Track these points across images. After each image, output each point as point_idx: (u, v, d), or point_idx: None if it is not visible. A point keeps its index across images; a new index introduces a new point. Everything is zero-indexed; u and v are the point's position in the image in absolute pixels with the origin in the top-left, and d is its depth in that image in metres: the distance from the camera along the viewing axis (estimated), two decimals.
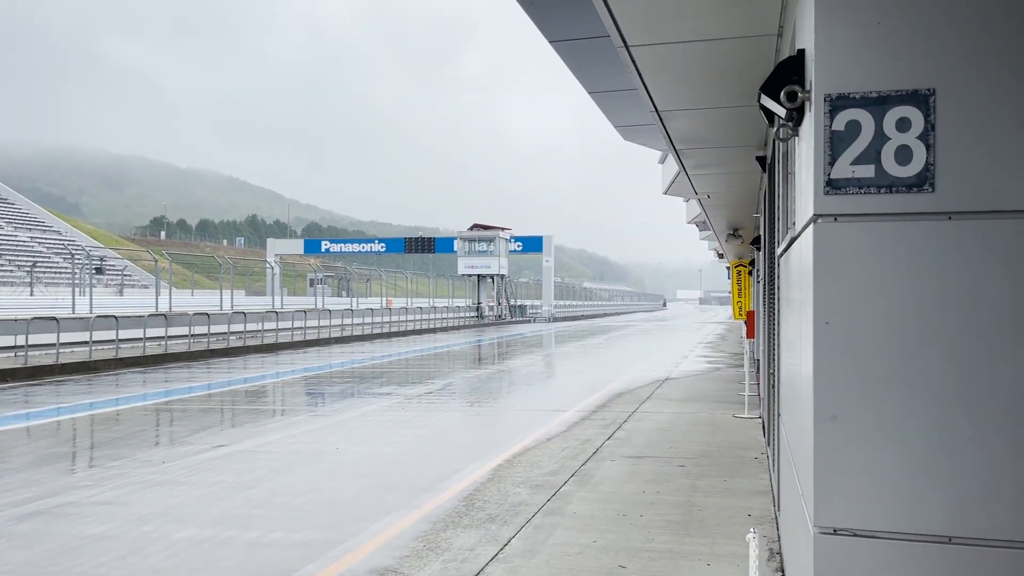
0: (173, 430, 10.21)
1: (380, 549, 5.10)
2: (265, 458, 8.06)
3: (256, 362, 20.21)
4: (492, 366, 20.29)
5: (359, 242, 72.34)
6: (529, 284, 72.02)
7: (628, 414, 11.03)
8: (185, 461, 7.87)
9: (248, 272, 62.44)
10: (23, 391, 13.83)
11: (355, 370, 18.34)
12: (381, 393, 13.72)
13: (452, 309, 47.09)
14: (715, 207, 12.14)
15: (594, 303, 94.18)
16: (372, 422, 10.53)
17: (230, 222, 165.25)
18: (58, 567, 4.77)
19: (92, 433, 10.11)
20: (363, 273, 61.18)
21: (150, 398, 13.31)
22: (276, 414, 11.83)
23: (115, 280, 52.49)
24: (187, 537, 5.37)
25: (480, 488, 6.73)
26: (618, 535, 5.39)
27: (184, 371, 17.70)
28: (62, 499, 6.37)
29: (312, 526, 5.65)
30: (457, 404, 12.78)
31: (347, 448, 8.63)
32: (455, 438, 9.70)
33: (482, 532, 5.45)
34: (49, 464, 8.02)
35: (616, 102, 7.88)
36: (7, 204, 67.63)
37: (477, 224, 54.78)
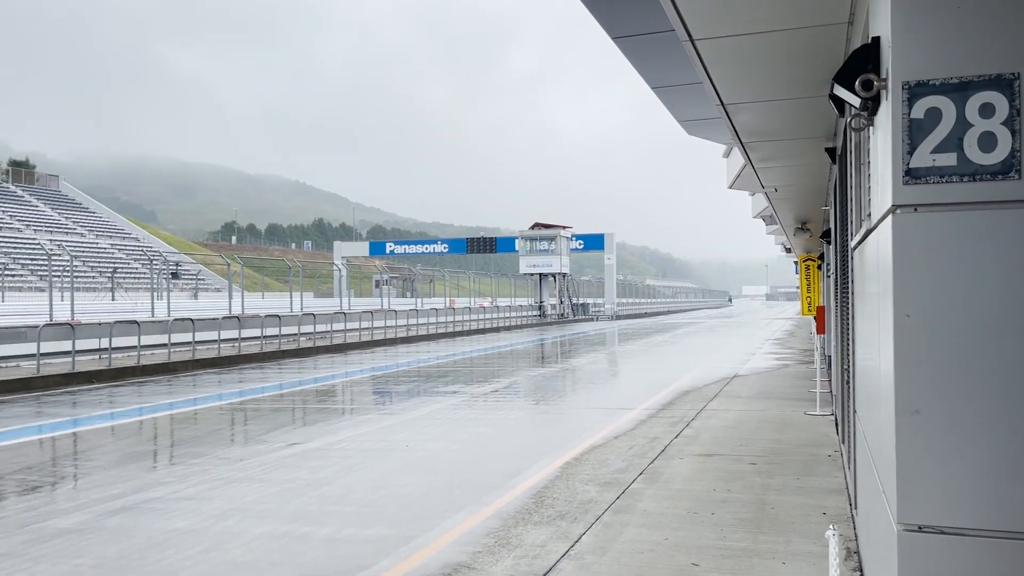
0: (248, 429, 10.51)
1: (452, 545, 5.17)
2: (337, 455, 8.24)
3: (325, 362, 20.63)
4: (556, 364, 20.29)
5: (422, 243, 73.14)
6: (591, 282, 71.73)
7: (696, 412, 10.91)
8: (261, 459, 8.10)
9: (316, 275, 63.75)
10: (108, 392, 14.41)
11: (421, 369, 18.57)
12: (447, 392, 13.86)
13: (514, 308, 47.24)
14: (782, 201, 11.91)
15: (657, 300, 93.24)
16: (439, 420, 10.65)
17: (297, 226, 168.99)
18: (146, 560, 4.97)
19: (172, 432, 10.48)
20: (427, 274, 61.84)
21: (226, 398, 13.72)
22: (346, 413, 12.07)
23: (190, 284, 54.23)
24: (266, 532, 5.53)
25: (549, 485, 6.75)
26: (690, 533, 5.35)
27: (257, 371, 18.18)
28: (148, 495, 6.63)
29: (384, 522, 5.76)
30: (522, 402, 12.83)
31: (416, 446, 8.75)
32: (522, 436, 9.74)
33: (552, 529, 5.47)
34: (134, 461, 8.35)
35: (680, 97, 7.80)
36: (89, 213, 70.52)
37: (538, 223, 54.81)
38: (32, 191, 69.13)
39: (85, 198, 74.46)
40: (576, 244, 58.81)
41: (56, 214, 65.79)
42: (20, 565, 4.89)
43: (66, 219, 65.55)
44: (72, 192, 74.43)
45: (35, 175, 74.66)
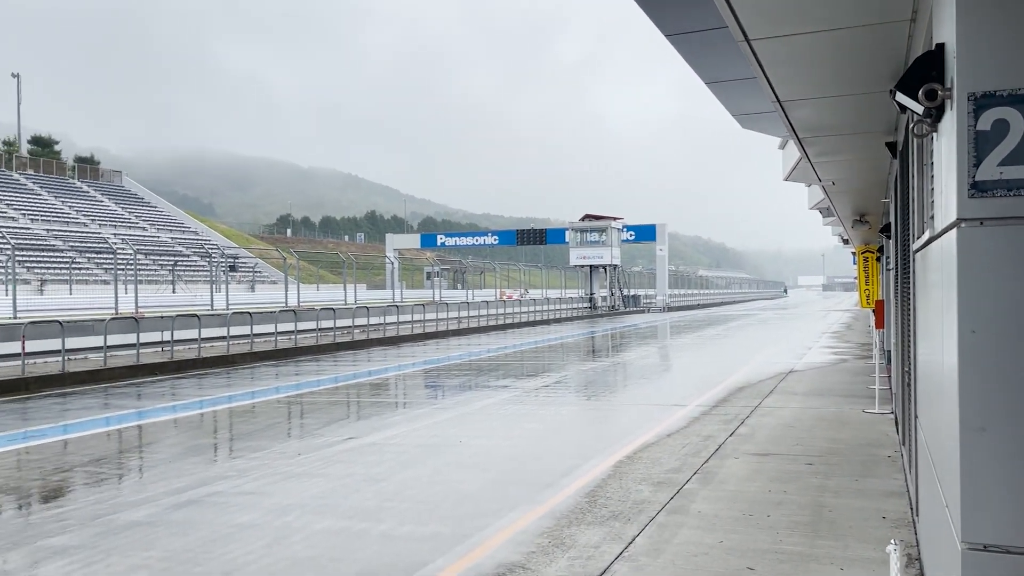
0: (305, 422, 10.73)
1: (506, 544, 5.22)
2: (392, 451, 8.37)
3: (379, 355, 20.92)
4: (607, 359, 20.24)
5: (473, 235, 73.47)
6: (642, 273, 71.22)
7: (751, 409, 10.79)
8: (319, 453, 8.27)
9: (368, 267, 64.56)
10: (170, 384, 14.85)
11: (472, 363, 18.70)
12: (499, 386, 13.95)
13: (565, 300, 47.19)
14: (840, 193, 11.67)
15: (710, 291, 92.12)
16: (492, 415, 10.73)
17: (350, 218, 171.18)
18: (211, 554, 5.14)
19: (232, 425, 10.76)
20: (477, 266, 62.11)
21: (283, 391, 14.02)
22: (400, 407, 12.23)
23: (247, 277, 55.42)
24: (325, 528, 5.66)
25: (602, 484, 6.77)
26: (744, 536, 5.31)
27: (312, 364, 18.53)
28: (211, 488, 6.84)
29: (439, 519, 5.84)
30: (574, 398, 12.85)
31: (469, 441, 8.84)
32: (574, 432, 9.76)
33: (606, 530, 5.49)
34: (197, 454, 8.61)
35: (735, 91, 7.69)
36: (150, 207, 72.48)
37: (589, 215, 54.59)
38: (97, 186, 71.31)
39: (146, 192, 76.54)
40: (627, 235, 58.42)
41: (119, 209, 67.77)
42: (94, 557, 5.10)
43: (129, 213, 67.48)
44: (134, 187, 76.57)
45: (99, 171, 77.00)
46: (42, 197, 62.98)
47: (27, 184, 64.49)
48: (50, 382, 14.25)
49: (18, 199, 60.49)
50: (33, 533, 5.65)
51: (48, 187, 65.68)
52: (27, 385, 13.84)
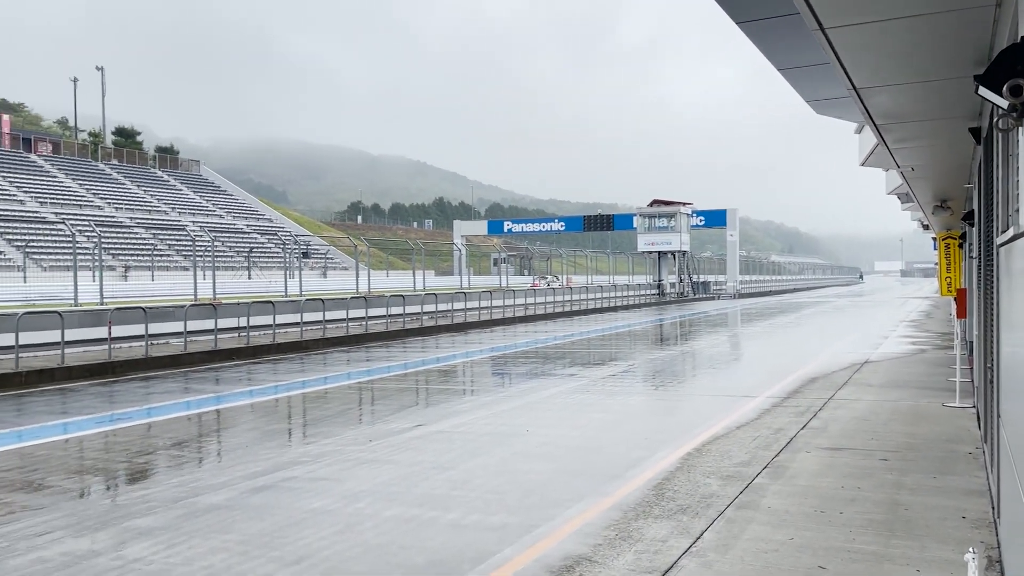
0: (375, 409, 10.96)
1: (573, 536, 5.25)
2: (460, 439, 8.48)
3: (447, 341, 21.16)
4: (675, 347, 20.03)
5: (539, 221, 73.42)
6: (712, 259, 70.10)
7: (823, 401, 10.56)
8: (389, 440, 8.44)
9: (436, 253, 65.22)
10: (246, 369, 15.33)
11: (539, 350, 18.75)
12: (566, 375, 13.96)
13: (632, 287, 46.81)
14: (919, 179, 11.27)
15: (783, 278, 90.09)
16: (558, 404, 10.76)
17: (419, 205, 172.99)
18: (286, 538, 5.31)
19: (305, 411, 11.06)
20: (544, 252, 62.09)
21: (354, 377, 14.33)
22: (467, 394, 12.37)
23: (319, 264, 56.66)
24: (395, 515, 5.79)
25: (669, 477, 6.73)
26: (816, 533, 5.22)
27: (382, 350, 18.86)
28: (286, 474, 7.06)
29: (507, 509, 5.91)
30: (641, 387, 12.77)
31: (536, 431, 8.89)
32: (641, 423, 9.72)
33: (673, 523, 5.46)
34: (272, 439, 8.89)
35: (808, 78, 7.49)
36: (226, 195, 74.65)
37: (657, 200, 53.93)
38: (176, 175, 73.77)
39: (223, 181, 78.83)
40: (697, 220, 57.55)
41: (198, 197, 69.99)
42: (177, 539, 5.33)
43: (206, 202, 69.64)
44: (211, 176, 78.93)
45: (179, 161, 79.62)
46: (125, 186, 65.47)
47: (112, 174, 67.12)
48: (135, 366, 14.87)
49: (103, 188, 63.00)
50: (121, 514, 5.93)
51: (131, 176, 68.23)
52: (113, 369, 14.48)
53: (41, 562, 4.91)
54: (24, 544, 5.26)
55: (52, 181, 60.20)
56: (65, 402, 11.63)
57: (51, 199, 56.19)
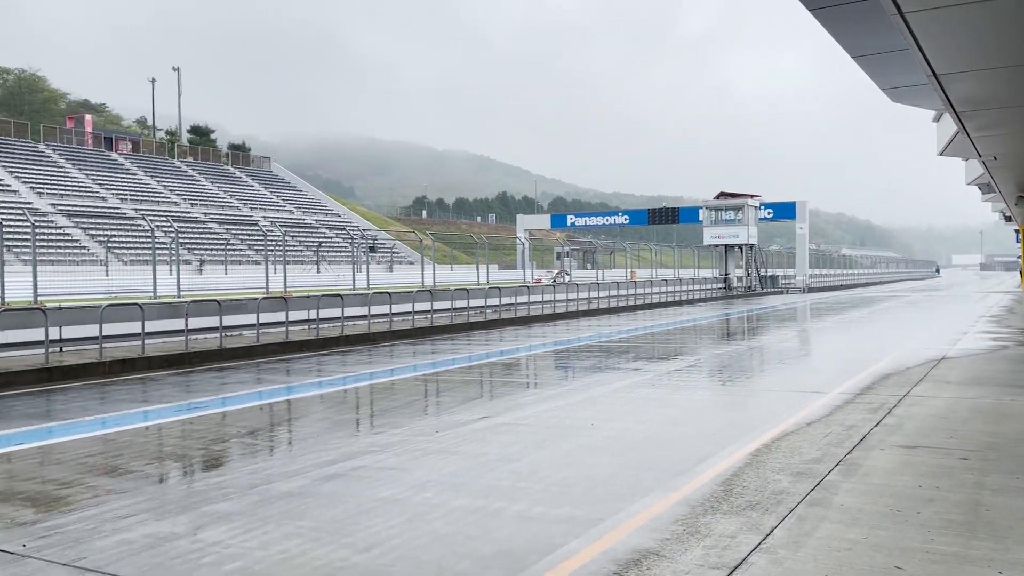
0: (440, 400, 11.08)
1: (640, 530, 5.23)
2: (525, 431, 8.52)
3: (510, 335, 21.25)
4: (742, 342, 19.71)
5: (603, 215, 73.00)
6: (780, 253, 68.61)
7: (898, 398, 10.25)
8: (455, 431, 8.53)
9: (500, 247, 65.48)
10: (316, 360, 15.68)
11: (603, 344, 18.68)
12: (630, 369, 13.88)
13: (698, 281, 46.18)
14: (1002, 169, 10.83)
15: (854, 271, 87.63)
16: (623, 398, 10.71)
17: (482, 199, 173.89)
18: (357, 526, 5.43)
19: (372, 401, 11.25)
20: (607, 246, 61.74)
21: (419, 369, 14.52)
22: (531, 387, 12.41)
23: (385, 258, 57.51)
24: (462, 506, 5.85)
25: (738, 473, 6.64)
26: (892, 533, 5.08)
27: (447, 343, 19.05)
28: (356, 463, 7.20)
29: (573, 502, 5.92)
30: (707, 382, 12.61)
31: (601, 424, 8.86)
32: (708, 418, 9.60)
33: (743, 519, 5.39)
34: (342, 429, 9.08)
35: (884, 64, 7.25)
36: (295, 191, 76.34)
37: (723, 192, 53.04)
38: (248, 172, 75.75)
39: (292, 177, 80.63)
40: (765, 213, 56.44)
41: (269, 193, 71.75)
42: (252, 524, 5.50)
43: (277, 197, 71.34)
44: (282, 172, 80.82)
45: (250, 157, 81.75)
46: (200, 183, 67.53)
47: (187, 171, 69.31)
48: (209, 357, 15.35)
49: (179, 185, 65.11)
50: (199, 499, 6.15)
51: (205, 173, 70.33)
52: (190, 359, 14.98)
53: (126, 543, 5.13)
54: (110, 526, 5.49)
55: (132, 178, 62.49)
56: (145, 391, 12.09)
57: (131, 196, 58.34)
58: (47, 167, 58.26)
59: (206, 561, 4.80)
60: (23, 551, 4.99)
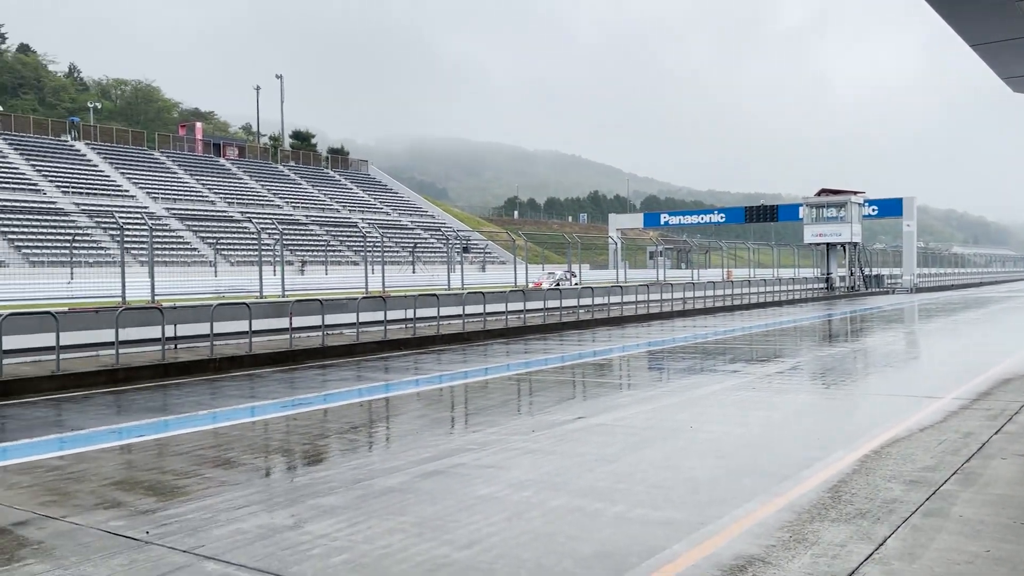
0: (535, 400, 11.11)
1: (744, 535, 5.11)
2: (622, 432, 8.45)
3: (603, 335, 21.12)
4: (846, 344, 18.99)
5: (697, 213, 71.71)
6: (886, 251, 65.84)
7: (1021, 404, 9.67)
8: (551, 431, 8.54)
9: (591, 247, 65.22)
10: (413, 359, 15.98)
11: (699, 345, 18.34)
12: (728, 371, 13.58)
13: (798, 280, 44.78)
14: None
15: (966, 270, 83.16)
16: (722, 401, 10.49)
17: (574, 199, 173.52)
18: (458, 522, 5.50)
19: (468, 400, 11.38)
20: (703, 245, 60.59)
21: (513, 368, 14.60)
22: (626, 388, 12.30)
23: (478, 258, 58.13)
24: (560, 505, 5.86)
25: (846, 480, 6.40)
26: (1017, 546, 4.80)
27: (540, 343, 19.09)
28: (454, 460, 7.30)
29: (673, 505, 5.83)
30: (811, 385, 12.21)
31: (700, 427, 8.70)
32: (812, 422, 9.29)
33: (853, 528, 5.19)
34: (439, 427, 9.23)
35: (1006, 53, 6.85)
36: (391, 193, 78.07)
37: (825, 189, 51.23)
38: (346, 175, 77.93)
39: (388, 179, 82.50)
40: (869, 210, 54.22)
41: (366, 195, 73.62)
42: (356, 518, 5.65)
43: (374, 199, 73.12)
44: (378, 175, 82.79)
45: (348, 161, 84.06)
46: (301, 186, 69.88)
47: (289, 175, 71.83)
48: (312, 354, 15.86)
49: (282, 188, 67.53)
50: (306, 492, 6.36)
51: (306, 177, 72.72)
52: (294, 356, 15.51)
53: (240, 533, 5.35)
54: (224, 516, 5.74)
55: (238, 182, 65.21)
56: (253, 387, 12.59)
57: (237, 199, 60.89)
58: (161, 173, 61.44)
59: (314, 553, 4.96)
60: (146, 538, 5.28)
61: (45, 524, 5.61)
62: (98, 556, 4.95)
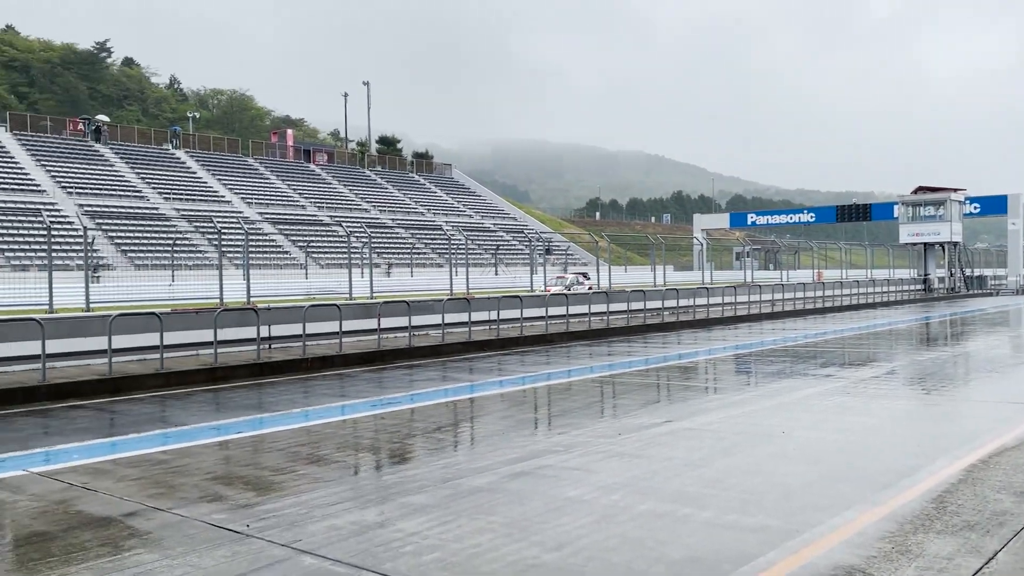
0: (620, 403, 11.02)
1: (842, 546, 4.94)
2: (710, 437, 8.30)
3: (688, 337, 20.79)
4: (946, 348, 18.16)
5: (786, 213, 69.85)
6: (989, 251, 62.68)
7: None
8: (638, 435, 8.46)
9: (675, 248, 64.31)
10: (496, 360, 16.09)
11: (788, 348, 17.85)
12: (821, 375, 13.17)
13: (893, 281, 43.08)
14: None
15: None
16: (815, 406, 10.18)
17: (656, 199, 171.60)
18: (546, 524, 5.51)
19: (551, 402, 11.38)
20: (792, 245, 58.96)
21: (596, 371, 14.52)
22: (713, 392, 12.08)
23: (560, 260, 58.07)
24: (649, 509, 5.79)
25: (951, 490, 6.12)
26: None
27: (623, 345, 18.94)
28: (540, 462, 7.32)
29: (765, 512, 5.69)
30: (909, 391, 11.73)
31: (792, 433, 8.47)
32: (911, 429, 8.93)
33: (959, 540, 4.96)
34: (524, 428, 9.26)
35: None
36: (475, 196, 78.84)
37: (922, 186, 49.15)
38: (430, 179, 79.10)
39: (471, 183, 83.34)
40: (970, 208, 51.80)
41: (450, 198, 74.54)
42: (446, 517, 5.73)
43: (457, 202, 73.97)
44: (461, 178, 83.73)
45: (433, 165, 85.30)
46: (387, 190, 71.27)
47: (376, 179, 73.38)
48: (399, 355, 16.16)
49: (369, 193, 69.05)
50: (396, 491, 6.48)
51: (392, 181, 74.14)
52: (382, 357, 15.84)
53: (335, 529, 5.50)
54: (319, 512, 5.91)
55: (327, 187, 67.01)
56: (343, 386, 12.91)
57: (326, 204, 62.55)
58: (255, 179, 63.67)
59: (406, 550, 5.05)
60: (247, 531, 5.48)
61: (153, 516, 5.89)
62: (203, 547, 5.16)
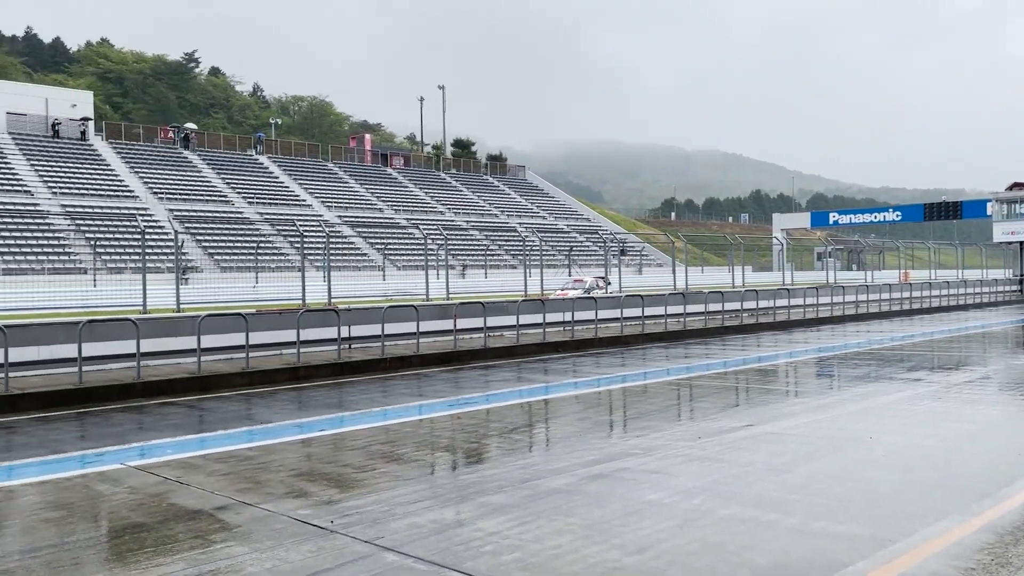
0: (698, 406, 10.85)
1: (937, 556, 4.75)
2: (793, 442, 8.09)
3: (768, 340, 20.31)
4: None
5: (870, 211, 67.64)
6: None
7: None
8: (718, 438, 8.31)
9: (754, 248, 62.94)
10: (571, 361, 16.05)
11: (874, 351, 17.26)
12: (909, 379, 12.69)
13: (986, 282, 41.18)
14: None
15: None
16: (904, 411, 9.81)
17: (734, 199, 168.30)
18: (626, 527, 5.46)
19: (627, 404, 11.28)
20: (876, 245, 57.02)
21: (673, 373, 14.33)
22: (794, 395, 11.77)
23: (634, 260, 57.56)
24: (731, 515, 5.68)
25: None
26: None
27: (700, 347, 18.63)
28: (618, 464, 7.26)
29: (854, 519, 5.52)
30: (1005, 397, 11.20)
31: (880, 438, 8.19)
32: (1009, 437, 8.51)
33: None
34: (600, 430, 9.21)
35: None
36: (548, 198, 78.85)
37: (1017, 183, 46.86)
38: (504, 180, 79.48)
39: (545, 184, 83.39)
40: None
41: (523, 200, 74.76)
42: (525, 517, 5.74)
43: (531, 203, 74.12)
44: (535, 179, 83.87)
45: (506, 166, 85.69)
46: (462, 192, 71.96)
47: (451, 182, 74.19)
48: (474, 355, 16.28)
49: (444, 195, 69.86)
50: (475, 490, 6.52)
51: (466, 183, 74.83)
52: (458, 357, 15.99)
53: (416, 527, 5.57)
54: (400, 510, 6.00)
55: (403, 190, 68.08)
56: (420, 386, 13.09)
57: (403, 206, 63.56)
58: (334, 183, 65.16)
59: (486, 550, 5.08)
60: (331, 527, 5.61)
61: (242, 510, 6.09)
62: (290, 542, 5.31)
